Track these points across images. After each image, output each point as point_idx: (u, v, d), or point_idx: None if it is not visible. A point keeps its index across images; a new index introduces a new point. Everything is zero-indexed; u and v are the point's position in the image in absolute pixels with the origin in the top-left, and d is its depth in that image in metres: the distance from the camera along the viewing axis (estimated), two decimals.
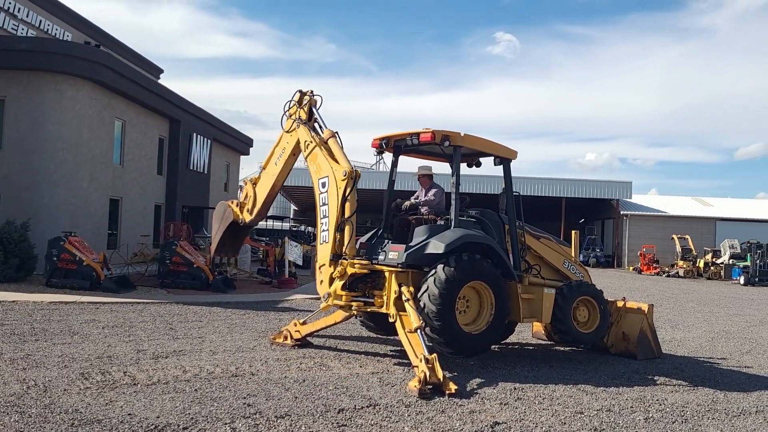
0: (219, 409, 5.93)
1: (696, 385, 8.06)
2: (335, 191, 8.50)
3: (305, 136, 9.10)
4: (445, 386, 6.87)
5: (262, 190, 9.68)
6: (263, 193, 9.68)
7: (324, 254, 8.59)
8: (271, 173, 9.59)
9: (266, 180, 9.66)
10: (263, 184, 9.69)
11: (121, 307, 12.51)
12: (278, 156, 9.51)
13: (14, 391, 6.15)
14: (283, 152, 9.44)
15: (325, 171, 8.71)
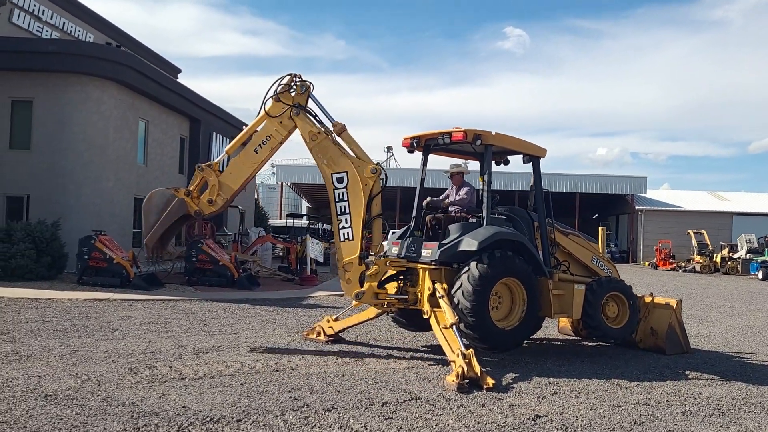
0: (267, 402, 6.13)
1: (728, 379, 8.18)
2: (359, 188, 8.53)
3: (311, 127, 8.72)
4: (482, 381, 7.03)
5: (234, 179, 8.81)
6: (235, 183, 8.83)
7: (350, 253, 8.57)
8: (249, 161, 8.76)
9: (241, 169, 8.79)
10: (236, 173, 8.81)
11: (154, 305, 12.77)
12: (261, 144, 8.74)
13: (70, 386, 6.38)
14: (268, 140, 8.74)
15: (342, 166, 8.60)
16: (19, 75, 18.14)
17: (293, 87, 8.72)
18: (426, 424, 5.72)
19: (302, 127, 8.68)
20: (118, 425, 5.25)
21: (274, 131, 8.70)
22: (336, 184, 8.58)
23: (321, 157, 8.67)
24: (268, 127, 8.73)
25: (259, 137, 8.71)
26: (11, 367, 7.02)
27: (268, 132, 8.71)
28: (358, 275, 8.53)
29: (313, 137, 8.66)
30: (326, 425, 5.53)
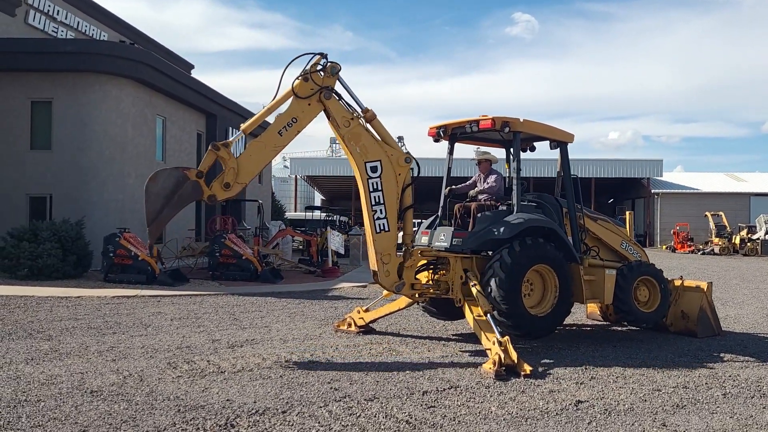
0: (309, 393, 6.19)
1: (764, 360, 8.14)
2: (393, 177, 8.30)
3: (344, 112, 8.15)
4: (519, 367, 7.05)
5: (254, 163, 7.96)
6: (255, 167, 8.01)
7: (387, 244, 8.34)
8: (272, 144, 7.95)
9: (263, 152, 7.98)
10: (256, 156, 7.96)
11: (181, 300, 12.88)
12: (286, 126, 7.93)
13: (113, 381, 6.47)
14: (294, 122, 7.94)
15: (375, 154, 8.24)
16: (37, 76, 18.26)
17: (323, 68, 8.07)
18: (469, 411, 5.75)
19: (336, 111, 8.08)
20: (166, 419, 5.33)
21: (301, 113, 7.96)
22: (370, 173, 8.24)
23: (354, 144, 8.19)
24: (294, 108, 7.95)
25: (284, 119, 7.93)
26: (53, 365, 7.12)
27: (294, 113, 7.93)
28: (396, 267, 8.43)
29: (346, 123, 8.13)
30: (371, 415, 5.58)
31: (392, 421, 5.42)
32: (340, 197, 60.09)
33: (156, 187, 7.72)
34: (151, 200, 7.66)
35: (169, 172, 7.82)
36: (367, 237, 8.48)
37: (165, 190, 7.70)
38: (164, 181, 7.75)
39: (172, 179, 7.72)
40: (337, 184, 55.62)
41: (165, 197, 7.69)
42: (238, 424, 5.27)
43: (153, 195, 7.67)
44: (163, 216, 7.80)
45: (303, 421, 5.39)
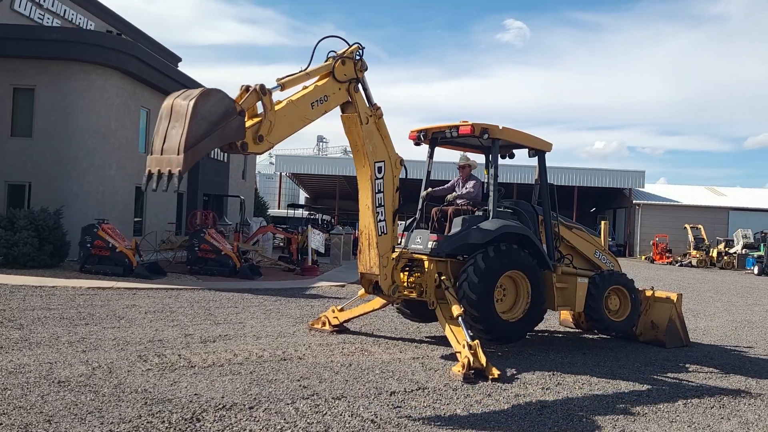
0: (278, 390, 6.23)
1: (727, 372, 8.31)
2: (391, 179, 8.26)
3: (366, 108, 7.97)
4: (488, 371, 7.14)
5: (287, 125, 7.01)
6: (287, 130, 7.05)
7: (387, 247, 8.32)
8: (303, 114, 7.19)
9: (296, 116, 7.11)
10: (290, 119, 7.03)
11: (157, 293, 12.85)
12: (318, 100, 7.34)
13: (82, 372, 6.47)
14: (325, 100, 7.44)
15: (381, 154, 8.11)
16: (21, 62, 18.10)
17: (359, 59, 7.78)
18: (434, 413, 5.83)
19: (362, 106, 7.86)
20: (132, 411, 5.35)
21: (332, 94, 7.49)
22: (377, 174, 8.05)
23: (368, 142, 7.95)
24: (328, 87, 7.45)
25: (317, 92, 7.33)
26: (22, 354, 7.10)
27: (327, 92, 7.42)
28: (392, 270, 8.43)
29: (366, 119, 7.91)
30: (337, 413, 5.63)
31: (357, 420, 5.48)
32: (325, 196, 60.06)
33: (206, 107, 6.36)
34: (197, 120, 6.25)
35: (222, 97, 6.52)
36: (368, 239, 8.25)
37: (213, 115, 6.43)
38: (215, 105, 6.45)
39: (222, 106, 6.50)
40: (322, 182, 55.59)
41: (210, 123, 6.38)
42: (204, 418, 5.30)
43: (200, 115, 6.30)
44: (202, 146, 6.36)
45: (269, 417, 5.43)
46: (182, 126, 6.03)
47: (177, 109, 6.13)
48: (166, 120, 6.16)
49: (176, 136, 6.03)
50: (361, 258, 8.47)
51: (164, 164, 6.03)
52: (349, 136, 8.02)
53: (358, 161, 8.16)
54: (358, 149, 8.05)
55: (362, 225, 8.33)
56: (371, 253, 8.27)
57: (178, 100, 6.20)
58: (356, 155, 8.13)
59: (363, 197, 8.24)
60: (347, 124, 7.92)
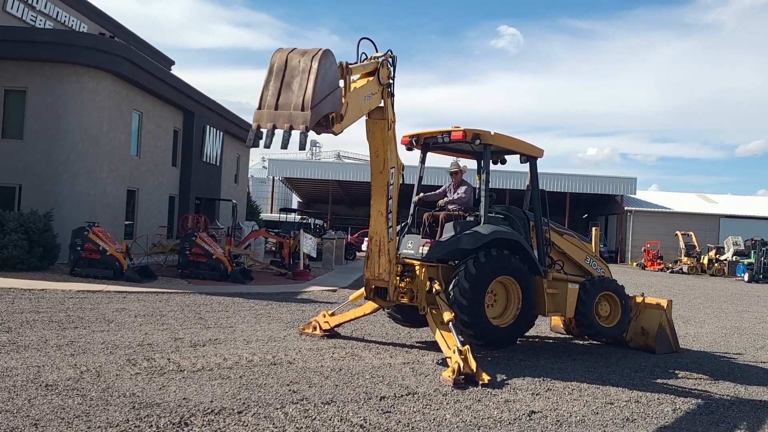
0: (267, 394, 6.21)
1: (716, 379, 8.34)
2: (398, 186, 8.29)
3: (392, 115, 7.96)
4: (478, 377, 7.14)
5: (355, 109, 7.08)
6: (354, 115, 7.10)
7: (394, 253, 8.33)
8: (360, 102, 7.22)
9: (358, 103, 7.17)
10: (356, 103, 7.10)
11: (148, 297, 12.79)
12: (368, 95, 7.39)
13: (70, 376, 6.43)
14: (370, 98, 7.45)
15: (394, 161, 8.12)
16: (12, 64, 18.02)
17: (388, 67, 7.80)
18: (424, 418, 5.82)
19: (390, 112, 7.87)
20: (120, 415, 5.31)
21: (372, 94, 7.51)
22: (391, 180, 8.08)
23: (389, 148, 7.97)
24: (372, 86, 7.47)
25: (369, 87, 7.37)
26: (9, 357, 7.05)
27: (372, 90, 7.45)
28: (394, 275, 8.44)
29: (390, 125, 7.97)
30: (326, 418, 5.62)
31: (347, 425, 5.47)
32: (317, 200, 60.02)
33: (325, 68, 6.19)
34: (320, 80, 6.03)
35: (334, 61, 6.45)
36: (378, 246, 8.18)
37: (330, 79, 6.32)
38: (331, 68, 6.36)
39: (335, 71, 6.40)
40: (315, 187, 55.56)
41: (327, 86, 6.25)
42: (192, 422, 5.27)
43: (321, 76, 6.07)
44: (321, 107, 6.16)
45: (258, 422, 5.41)
46: (306, 82, 5.93)
47: (294, 65, 6.01)
48: (279, 75, 6.00)
49: (298, 93, 5.90)
50: (369, 264, 8.31)
51: (281, 120, 5.85)
52: (372, 141, 7.93)
53: (376, 167, 8.05)
54: (378, 155, 7.98)
55: (373, 231, 8.19)
56: (381, 259, 8.22)
57: (294, 55, 6.09)
58: (375, 161, 8.03)
59: (377, 203, 8.15)
60: (373, 129, 7.86)
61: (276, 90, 5.98)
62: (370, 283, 8.52)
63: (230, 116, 29.82)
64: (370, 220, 8.24)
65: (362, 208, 62.03)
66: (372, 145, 7.95)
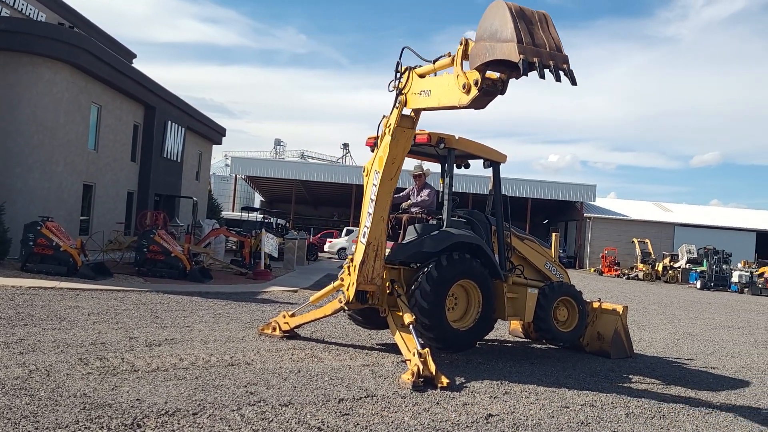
0: (223, 396, 6.10)
1: (669, 383, 8.54)
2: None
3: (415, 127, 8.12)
4: (437, 379, 7.15)
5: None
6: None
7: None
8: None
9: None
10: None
11: (102, 295, 12.47)
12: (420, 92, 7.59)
13: (17, 375, 6.21)
14: (427, 94, 7.51)
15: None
16: None
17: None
18: (382, 420, 5.80)
19: (416, 124, 8.08)
20: (69, 416, 5.15)
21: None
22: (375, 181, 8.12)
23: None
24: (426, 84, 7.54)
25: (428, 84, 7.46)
26: None
27: (427, 87, 7.46)
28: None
29: (413, 136, 8.25)
30: (283, 420, 5.55)
31: (304, 427, 5.41)
32: (280, 200, 59.52)
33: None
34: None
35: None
36: (376, 251, 8.08)
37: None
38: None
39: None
40: (278, 186, 55.09)
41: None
42: (145, 424, 5.14)
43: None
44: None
45: (213, 423, 5.31)
46: (548, 30, 6.17)
47: (529, 15, 6.17)
48: (521, 19, 6.06)
49: (546, 36, 6.08)
50: (363, 269, 8.10)
51: (545, 57, 5.93)
52: (394, 149, 7.84)
53: (388, 174, 7.94)
54: (395, 162, 7.95)
55: (372, 237, 8.02)
56: (376, 264, 8.14)
57: (522, 6, 6.19)
58: (391, 168, 7.93)
59: (380, 209, 8.03)
60: (401, 138, 7.84)
61: (525, 29, 6.03)
62: (360, 287, 8.26)
63: (193, 112, 29.36)
64: (371, 225, 8.00)
65: (325, 209, 61.85)
66: (392, 153, 7.84)
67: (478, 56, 6.26)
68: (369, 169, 8.12)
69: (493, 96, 6.47)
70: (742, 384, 9.00)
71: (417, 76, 7.54)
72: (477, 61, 6.27)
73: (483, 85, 6.26)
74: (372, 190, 8.00)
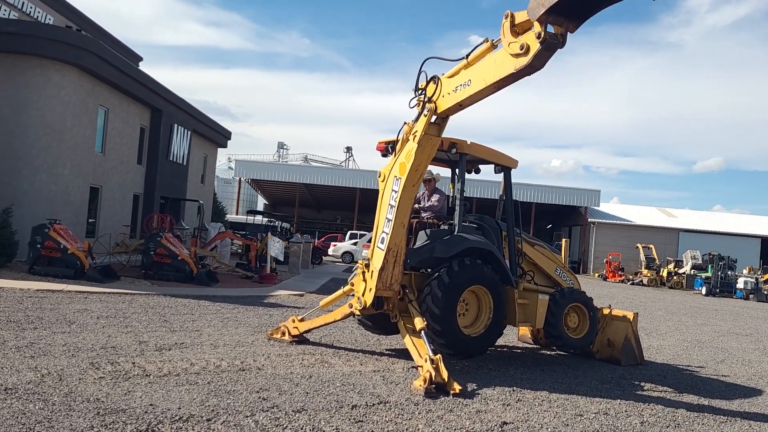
0: (236, 402, 6.07)
1: (681, 391, 8.48)
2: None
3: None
4: (449, 386, 7.11)
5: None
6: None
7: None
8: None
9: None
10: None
11: (110, 298, 12.46)
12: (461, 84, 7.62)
13: (30, 379, 6.18)
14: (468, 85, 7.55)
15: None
16: None
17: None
18: (396, 428, 5.76)
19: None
20: (84, 421, 5.12)
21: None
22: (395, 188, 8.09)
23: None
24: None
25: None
26: None
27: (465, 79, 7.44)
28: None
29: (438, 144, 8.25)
30: (298, 427, 5.51)
31: None
32: (284, 203, 59.54)
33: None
34: None
35: None
36: (395, 257, 8.03)
37: None
38: None
39: None
40: (282, 189, 55.12)
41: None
42: (160, 430, 5.11)
43: None
44: None
45: (227, 430, 5.28)
46: None
47: None
48: None
49: None
50: (383, 275, 8.03)
51: None
52: (420, 156, 7.82)
53: (411, 180, 7.89)
54: (419, 169, 7.92)
55: (392, 243, 7.96)
56: (395, 270, 8.08)
57: None
58: (414, 175, 7.90)
59: (401, 215, 7.97)
60: (428, 145, 7.82)
61: None
62: (378, 292, 8.15)
63: (199, 115, 29.38)
64: (391, 231, 7.92)
65: (329, 212, 61.84)
66: (417, 160, 7.80)
67: (541, 4, 6.13)
68: (387, 175, 8.07)
69: (554, 49, 6.41)
70: (754, 392, 8.95)
71: (446, 78, 7.54)
72: (540, 9, 6.14)
73: (546, 37, 6.20)
74: (392, 195, 7.95)
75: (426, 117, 7.63)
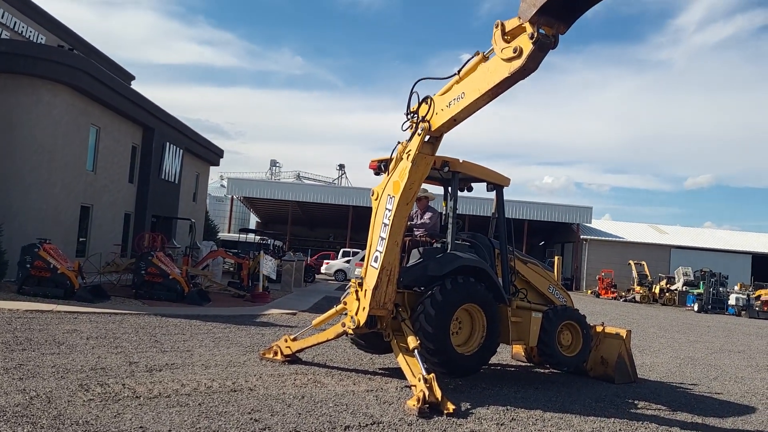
0: (227, 423, 6.00)
1: (675, 409, 8.45)
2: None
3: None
4: (443, 406, 7.06)
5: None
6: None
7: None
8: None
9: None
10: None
11: (100, 318, 12.34)
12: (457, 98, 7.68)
13: (18, 402, 6.09)
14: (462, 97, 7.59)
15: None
16: None
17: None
18: None
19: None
20: None
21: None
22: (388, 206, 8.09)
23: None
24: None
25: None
26: None
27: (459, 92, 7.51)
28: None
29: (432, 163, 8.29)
30: None
31: None
32: (276, 221, 59.43)
33: None
34: None
35: None
36: (389, 275, 7.98)
37: None
38: None
39: None
40: (274, 207, 55.05)
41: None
42: None
43: None
44: None
45: None
46: None
47: None
48: None
49: None
50: (376, 294, 7.99)
51: None
52: (414, 174, 7.83)
53: (404, 198, 7.88)
54: (412, 188, 7.91)
55: (386, 261, 7.91)
56: (389, 288, 8.04)
57: None
58: (408, 193, 7.88)
59: (395, 234, 7.95)
60: (421, 164, 7.85)
61: None
62: (371, 311, 8.10)
63: (191, 133, 29.41)
64: (384, 250, 7.87)
65: (321, 230, 61.76)
66: (411, 178, 7.80)
67: (532, 5, 6.21)
68: (380, 193, 8.07)
69: (547, 50, 6.51)
70: (748, 410, 8.92)
71: (439, 96, 7.61)
72: (531, 9, 6.22)
73: (539, 37, 6.30)
74: (385, 214, 7.93)
75: (420, 136, 7.66)
